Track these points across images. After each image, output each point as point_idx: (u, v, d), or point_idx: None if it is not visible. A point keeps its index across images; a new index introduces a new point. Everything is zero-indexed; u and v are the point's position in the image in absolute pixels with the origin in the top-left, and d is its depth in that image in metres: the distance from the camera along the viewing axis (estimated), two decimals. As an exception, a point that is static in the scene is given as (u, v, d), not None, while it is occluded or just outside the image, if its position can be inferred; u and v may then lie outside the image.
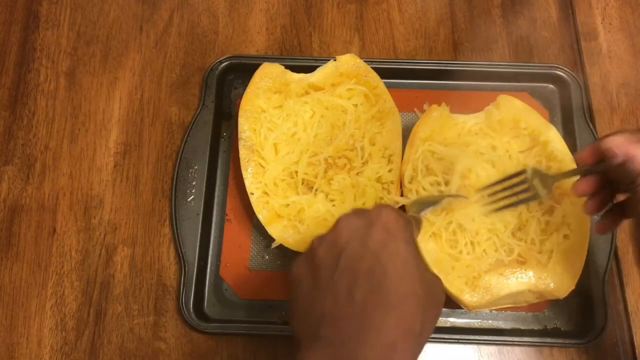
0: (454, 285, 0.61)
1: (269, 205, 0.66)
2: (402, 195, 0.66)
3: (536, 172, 0.59)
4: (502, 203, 0.61)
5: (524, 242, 0.63)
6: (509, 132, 0.68)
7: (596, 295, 0.65)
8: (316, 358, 0.41)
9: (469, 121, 0.69)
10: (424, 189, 0.65)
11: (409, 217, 0.50)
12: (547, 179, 0.58)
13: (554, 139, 0.66)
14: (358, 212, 0.47)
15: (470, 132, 0.69)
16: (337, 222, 0.46)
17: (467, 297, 0.61)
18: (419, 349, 0.43)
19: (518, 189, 0.59)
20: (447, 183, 0.64)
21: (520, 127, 0.67)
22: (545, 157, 0.66)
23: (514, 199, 0.60)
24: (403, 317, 0.41)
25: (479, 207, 0.63)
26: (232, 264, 0.68)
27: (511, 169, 0.65)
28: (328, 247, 0.45)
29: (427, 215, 0.63)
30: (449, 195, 0.63)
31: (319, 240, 0.46)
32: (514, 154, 0.67)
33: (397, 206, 0.65)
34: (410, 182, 0.66)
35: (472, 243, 0.63)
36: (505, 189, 0.60)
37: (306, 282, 0.45)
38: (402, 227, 0.46)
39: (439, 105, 0.69)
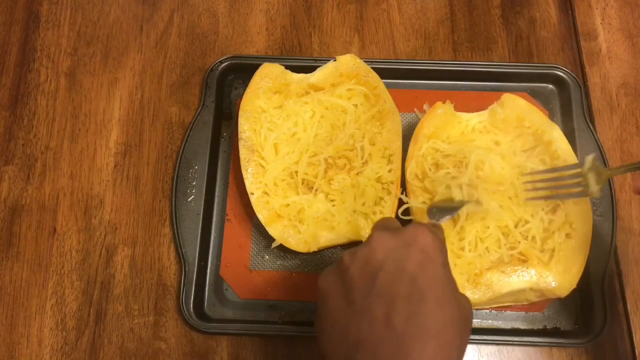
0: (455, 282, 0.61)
1: (269, 205, 0.66)
2: (402, 194, 0.67)
3: (593, 165, 0.57)
4: (545, 193, 0.60)
5: (525, 239, 0.63)
6: (513, 131, 0.68)
7: (596, 295, 0.64)
8: None
9: (473, 119, 0.69)
10: (434, 180, 0.65)
11: (442, 237, 0.48)
12: (603, 173, 0.56)
13: (558, 138, 0.66)
14: (392, 231, 0.45)
15: (474, 130, 0.69)
16: (371, 240, 0.44)
17: (468, 294, 0.61)
18: None
19: (570, 182, 0.58)
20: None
21: (524, 126, 0.68)
22: (549, 156, 0.66)
23: (563, 192, 0.58)
24: (443, 347, 0.39)
25: (497, 199, 0.63)
26: (232, 264, 0.68)
27: (517, 163, 0.65)
28: (362, 266, 0.43)
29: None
30: (468, 201, 0.61)
31: (351, 256, 0.44)
32: (517, 152, 0.67)
33: (399, 204, 0.65)
34: (414, 179, 0.66)
35: (475, 240, 0.63)
36: (554, 179, 0.59)
37: (337, 299, 0.43)
38: (438, 250, 0.44)
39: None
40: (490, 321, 0.66)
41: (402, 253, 0.43)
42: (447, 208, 0.60)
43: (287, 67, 0.72)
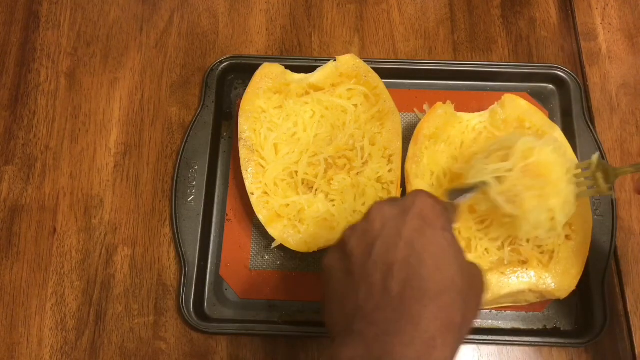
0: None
1: (269, 205, 0.66)
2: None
3: (600, 165, 0.56)
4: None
5: (527, 242, 0.63)
6: (514, 132, 0.68)
7: (596, 295, 0.64)
8: (349, 355, 0.38)
9: (474, 120, 0.69)
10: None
11: (445, 204, 0.47)
12: (610, 172, 0.56)
13: (558, 139, 0.66)
14: (391, 200, 0.45)
15: (474, 130, 0.69)
16: (369, 211, 0.44)
17: None
18: (459, 344, 0.40)
19: (581, 181, 0.58)
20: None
21: (525, 126, 0.68)
22: None
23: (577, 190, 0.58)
24: (442, 309, 0.38)
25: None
26: (232, 264, 0.68)
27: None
28: (360, 236, 0.43)
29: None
30: (482, 183, 0.58)
31: (351, 229, 0.44)
32: None
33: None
34: (415, 179, 0.64)
35: (474, 240, 0.63)
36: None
37: (339, 273, 0.43)
38: (438, 214, 0.43)
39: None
40: (490, 321, 0.66)
41: (399, 220, 0.42)
42: (463, 189, 0.59)
43: (287, 67, 0.72)
